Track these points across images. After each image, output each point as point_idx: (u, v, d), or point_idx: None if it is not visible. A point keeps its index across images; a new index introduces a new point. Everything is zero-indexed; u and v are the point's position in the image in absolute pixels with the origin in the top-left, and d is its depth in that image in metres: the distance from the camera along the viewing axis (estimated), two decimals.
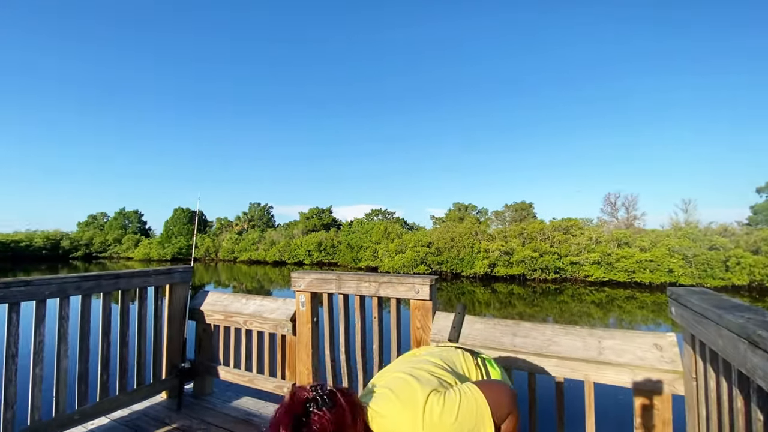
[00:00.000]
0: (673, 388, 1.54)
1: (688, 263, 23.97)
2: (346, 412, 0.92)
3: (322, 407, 0.90)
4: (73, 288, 2.29)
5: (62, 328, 2.22)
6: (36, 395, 2.10)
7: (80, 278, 2.33)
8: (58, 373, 2.19)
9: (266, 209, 66.58)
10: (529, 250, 27.92)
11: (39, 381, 2.11)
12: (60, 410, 2.20)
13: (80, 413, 2.29)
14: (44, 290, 2.15)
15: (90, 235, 64.23)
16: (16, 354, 2.02)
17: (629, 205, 39.55)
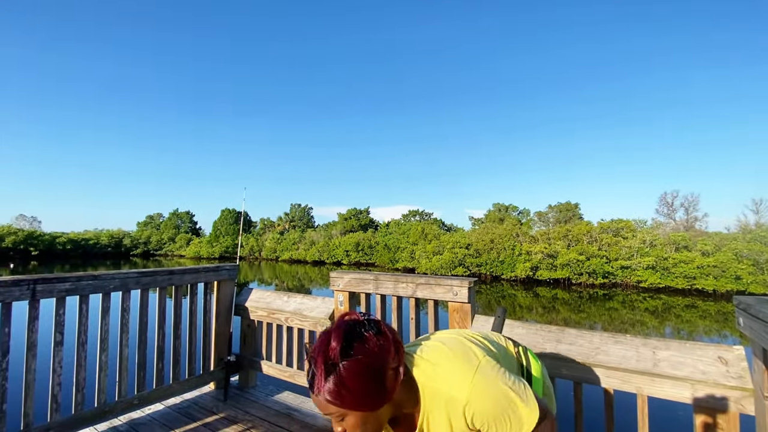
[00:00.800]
0: (741, 406, 1.40)
1: (760, 270, 21.76)
2: (390, 342, 0.92)
3: (370, 330, 0.91)
4: (134, 282, 2.47)
5: (124, 319, 2.41)
6: (102, 380, 2.29)
7: (139, 274, 2.51)
8: (120, 360, 2.38)
9: (306, 210, 68.54)
10: (575, 253, 26.61)
11: (105, 367, 2.30)
12: (122, 394, 2.39)
13: (139, 398, 2.47)
14: (109, 284, 2.34)
15: (148, 234, 69.31)
16: (85, 342, 2.22)
17: (689, 205, 36.67)
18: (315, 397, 0.89)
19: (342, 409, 0.88)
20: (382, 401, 0.90)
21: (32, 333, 2.01)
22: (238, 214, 62.26)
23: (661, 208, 38.30)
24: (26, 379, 1.97)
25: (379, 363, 0.89)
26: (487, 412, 0.92)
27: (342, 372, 0.86)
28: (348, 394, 0.86)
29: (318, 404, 0.90)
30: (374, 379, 0.88)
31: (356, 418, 0.89)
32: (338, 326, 0.91)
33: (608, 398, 1.67)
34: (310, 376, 0.90)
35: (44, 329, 2.07)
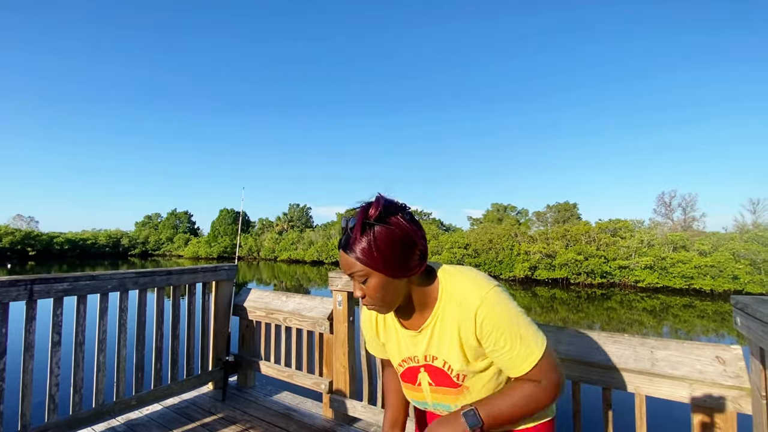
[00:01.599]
0: (739, 406, 1.40)
1: (757, 269, 21.85)
2: (420, 230, 0.97)
3: (405, 215, 0.96)
4: (132, 283, 2.47)
5: (122, 320, 2.40)
6: (100, 380, 2.29)
7: (137, 274, 2.51)
8: (118, 361, 2.37)
9: (305, 210, 68.48)
10: (573, 253, 26.66)
11: (103, 367, 2.30)
12: (120, 395, 2.38)
13: (137, 399, 2.47)
14: (107, 284, 2.33)
15: (146, 234, 69.16)
16: (83, 342, 2.21)
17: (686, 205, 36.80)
18: (345, 256, 0.94)
19: (367, 268, 0.92)
20: (404, 272, 0.94)
21: (30, 333, 2.00)
22: (236, 214, 62.18)
23: (658, 208, 38.47)
24: (23, 380, 1.96)
25: (409, 239, 0.94)
26: (497, 322, 0.93)
27: (376, 233, 0.91)
28: (377, 253, 0.90)
29: (345, 263, 0.95)
30: (402, 249, 0.93)
31: (378, 280, 0.94)
32: (378, 199, 0.95)
33: (606, 398, 1.67)
34: (344, 237, 0.95)
35: (42, 329, 2.06)
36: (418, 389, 1.07)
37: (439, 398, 1.04)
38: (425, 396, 1.06)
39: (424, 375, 1.04)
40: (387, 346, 1.13)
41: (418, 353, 1.04)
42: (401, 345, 1.08)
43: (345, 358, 2.50)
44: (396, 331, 1.09)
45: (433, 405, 1.07)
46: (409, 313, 1.06)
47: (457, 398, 1.02)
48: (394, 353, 1.10)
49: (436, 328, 1.01)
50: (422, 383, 1.05)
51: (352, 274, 0.95)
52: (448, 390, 1.02)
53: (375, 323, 1.15)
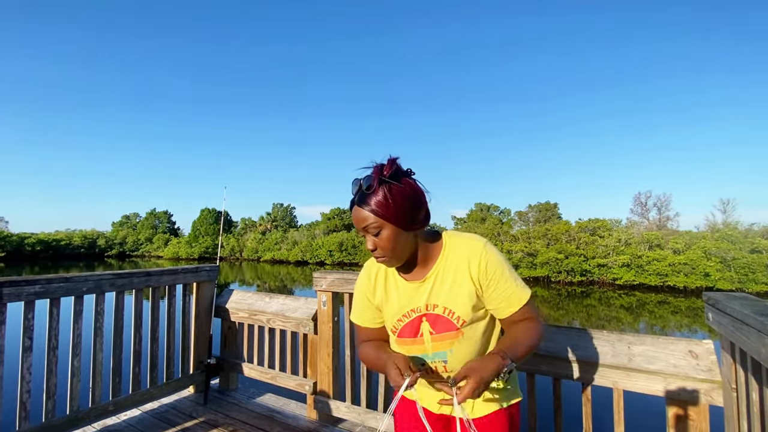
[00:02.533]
0: (711, 398, 1.46)
1: (727, 267, 22.75)
2: (425, 193, 1.09)
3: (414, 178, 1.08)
4: (108, 284, 2.39)
5: (98, 323, 2.33)
6: (75, 386, 2.21)
7: (114, 275, 2.43)
8: (94, 365, 2.30)
9: (289, 210, 67.76)
10: (554, 252, 27.22)
11: (77, 372, 2.22)
12: (96, 401, 2.31)
13: (114, 404, 2.39)
14: (82, 286, 2.26)
15: (123, 234, 67.22)
16: (56, 347, 2.13)
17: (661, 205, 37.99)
18: (359, 210, 1.03)
19: (381, 219, 1.01)
20: (413, 225, 1.05)
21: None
22: (218, 214, 61.05)
23: (635, 208, 39.57)
24: None
25: (417, 197, 1.05)
26: (498, 263, 1.08)
27: (390, 188, 1.01)
28: (392, 206, 1.00)
29: (359, 217, 1.03)
30: (412, 204, 1.03)
31: (390, 231, 1.02)
32: (391, 160, 1.04)
33: (586, 393, 1.71)
34: (359, 193, 1.04)
35: (12, 334, 1.98)
36: (419, 341, 1.12)
37: (437, 346, 1.10)
38: (425, 347, 1.11)
39: (426, 325, 1.11)
40: (385, 306, 1.17)
41: (420, 303, 1.11)
42: (402, 299, 1.14)
43: (329, 359, 2.49)
44: (397, 286, 1.16)
45: (432, 355, 1.12)
46: (412, 267, 1.14)
47: (453, 343, 1.09)
48: (394, 309, 1.15)
49: (438, 277, 1.10)
50: (424, 333, 1.11)
51: (367, 227, 1.03)
52: (447, 335, 1.09)
53: (374, 283, 1.19)
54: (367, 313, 1.22)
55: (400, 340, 1.15)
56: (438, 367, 1.12)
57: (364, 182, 1.03)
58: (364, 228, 1.04)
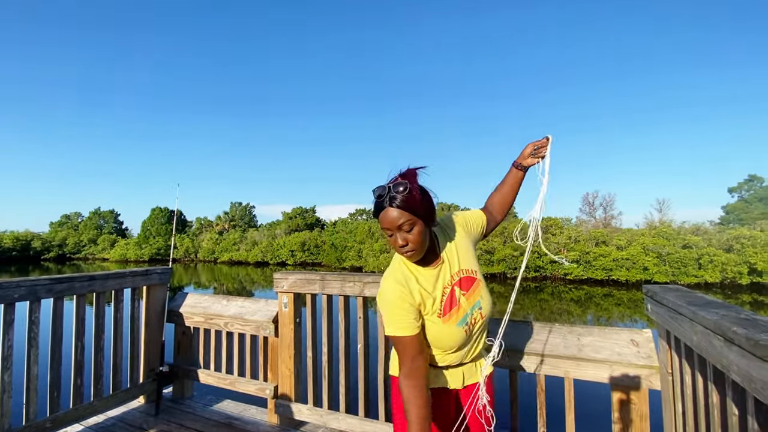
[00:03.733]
0: (650, 383, 1.58)
1: (663, 261, 24.79)
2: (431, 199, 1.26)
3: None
4: (45, 291, 2.19)
5: (32, 333, 2.13)
6: (5, 402, 2.01)
7: (52, 280, 2.24)
8: (28, 379, 2.10)
9: (248, 209, 65.57)
10: (510, 249, 28.34)
11: (8, 388, 2.02)
12: (31, 418, 2.11)
13: (52, 420, 2.20)
14: (13, 293, 2.05)
15: (63, 235, 61.97)
16: None
17: (607, 205, 40.68)
18: (392, 211, 1.16)
19: (414, 217, 1.17)
20: (433, 221, 1.26)
21: None
22: (171, 213, 57.91)
23: (583, 207, 42.11)
24: None
25: (431, 196, 1.26)
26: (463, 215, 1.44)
27: (417, 190, 1.18)
28: (424, 205, 1.19)
29: (393, 218, 1.17)
30: (432, 203, 1.24)
31: (420, 227, 1.19)
32: (411, 169, 1.22)
33: (540, 384, 1.80)
34: (388, 197, 1.17)
35: None
36: (457, 306, 1.28)
37: (472, 300, 1.31)
38: (464, 308, 1.29)
39: (457, 290, 1.30)
40: (427, 299, 1.27)
41: (447, 280, 1.30)
42: (435, 286, 1.29)
43: (291, 362, 2.44)
44: (427, 277, 1.29)
45: (470, 310, 1.30)
46: (428, 256, 1.29)
47: (479, 291, 1.33)
48: (432, 298, 1.27)
49: (446, 252, 1.33)
50: (459, 298, 1.29)
51: (401, 225, 1.17)
52: (474, 287, 1.32)
53: (407, 285, 1.27)
54: (410, 319, 1.24)
55: (445, 318, 1.27)
56: (476, 317, 1.30)
57: (394, 187, 1.17)
58: (398, 227, 1.17)
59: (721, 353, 0.93)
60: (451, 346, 1.29)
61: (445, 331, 1.27)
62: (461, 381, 1.36)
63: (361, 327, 2.24)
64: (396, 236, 1.19)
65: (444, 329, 1.27)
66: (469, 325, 1.29)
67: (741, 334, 0.83)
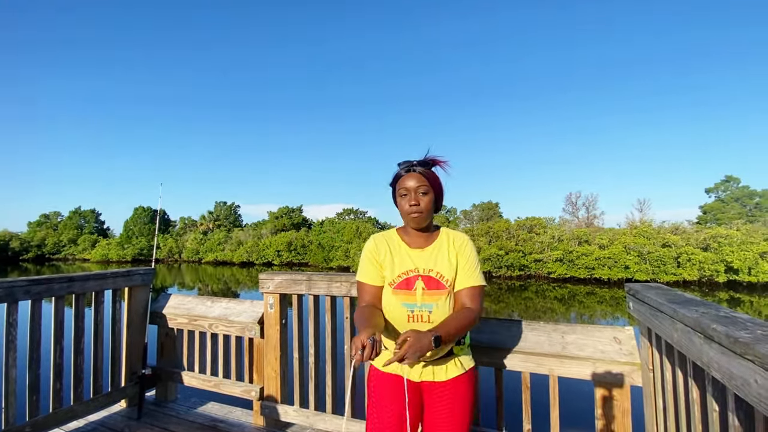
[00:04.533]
0: (632, 379, 1.62)
1: (643, 260, 25.42)
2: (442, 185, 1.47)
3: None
4: (22, 292, 2.12)
5: (10, 336, 2.06)
6: None
7: (30, 282, 2.17)
8: (6, 383, 2.03)
9: (233, 208, 64.62)
10: (495, 248, 28.68)
11: None
12: (10, 422, 2.04)
13: (32, 425, 2.13)
14: None
15: (42, 235, 60.05)
16: None
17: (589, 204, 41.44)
18: (417, 175, 1.39)
19: (430, 186, 1.40)
20: (440, 201, 1.47)
21: None
22: (153, 213, 56.69)
23: (566, 207, 42.80)
24: None
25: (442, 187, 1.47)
26: (472, 251, 1.47)
27: (436, 170, 1.44)
28: (438, 183, 1.44)
29: (416, 179, 1.39)
30: (442, 190, 1.46)
31: (431, 197, 1.41)
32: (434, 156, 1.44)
33: (525, 381, 1.82)
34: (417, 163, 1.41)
35: None
36: (412, 293, 1.41)
37: (427, 299, 1.41)
38: (416, 298, 1.41)
39: (420, 282, 1.42)
40: (389, 264, 1.45)
41: (419, 266, 1.44)
42: (404, 260, 1.45)
43: (277, 363, 2.42)
44: (401, 251, 1.48)
45: (421, 305, 1.41)
46: (418, 239, 1.48)
47: (439, 300, 1.40)
48: (397, 267, 1.45)
49: (436, 250, 1.46)
50: (417, 288, 1.41)
51: (418, 187, 1.39)
52: (437, 292, 1.41)
53: (379, 247, 1.49)
54: (371, 270, 1.46)
55: (396, 290, 1.42)
56: (423, 315, 1.40)
57: (421, 161, 1.40)
58: (415, 188, 1.39)
59: (701, 350, 0.95)
60: (393, 319, 1.42)
61: (391, 302, 1.42)
62: (418, 374, 1.43)
63: (348, 327, 2.24)
64: (411, 195, 1.40)
65: (390, 299, 1.43)
66: (413, 315, 1.40)
67: (721, 331, 0.85)
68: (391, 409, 1.37)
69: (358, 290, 1.49)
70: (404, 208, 1.41)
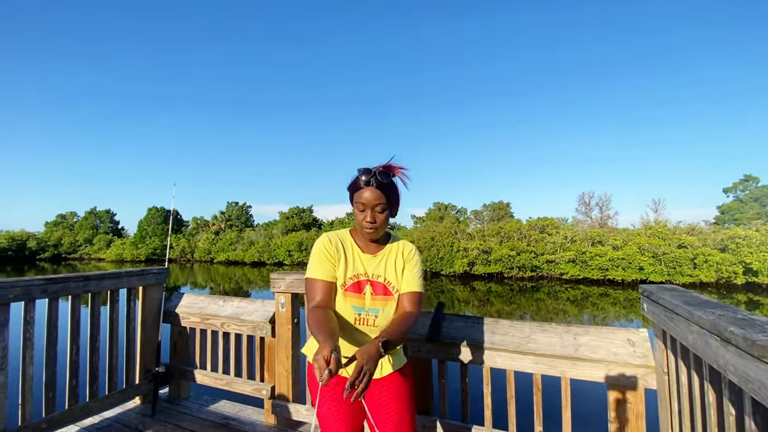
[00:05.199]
0: (646, 382, 1.59)
1: (658, 261, 24.93)
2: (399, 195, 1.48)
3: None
4: (39, 291, 2.18)
5: (28, 333, 2.11)
6: (1, 403, 1.98)
7: (47, 280, 2.22)
8: (23, 380, 2.08)
9: (244, 208, 65.32)
10: (507, 249, 28.43)
11: (3, 389, 2.00)
12: (26, 419, 2.09)
13: (48, 421, 2.19)
14: (8, 293, 2.03)
15: (58, 235, 61.53)
16: None
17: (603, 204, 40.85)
18: (374, 190, 1.37)
19: (387, 204, 1.40)
20: (396, 213, 1.49)
21: None
22: (167, 213, 57.65)
23: (579, 207, 42.28)
24: None
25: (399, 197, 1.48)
26: (416, 261, 1.53)
27: (395, 183, 1.43)
28: (394, 197, 1.44)
29: (373, 195, 1.37)
30: (398, 201, 1.48)
31: (387, 213, 1.42)
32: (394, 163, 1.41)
33: (536, 383, 1.80)
34: (373, 179, 1.36)
35: None
36: (361, 297, 1.45)
37: (374, 304, 1.45)
38: (365, 302, 1.45)
39: (369, 287, 1.46)
40: (341, 265, 1.46)
41: (368, 271, 1.48)
42: (356, 264, 1.48)
43: (288, 362, 2.44)
44: (354, 254, 1.50)
45: (368, 309, 1.45)
46: (370, 244, 1.52)
47: (385, 305, 1.46)
48: (349, 269, 1.47)
49: (385, 257, 1.50)
50: (366, 293, 1.46)
51: (375, 205, 1.38)
52: (384, 298, 1.46)
53: (334, 246, 1.48)
54: (325, 267, 1.44)
55: (347, 292, 1.44)
56: (369, 319, 1.44)
57: (381, 175, 1.37)
58: (373, 206, 1.38)
59: (718, 353, 0.93)
60: (345, 319, 1.44)
61: (342, 304, 1.45)
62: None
63: None
64: (367, 213, 1.39)
65: (341, 300, 1.45)
66: (360, 318, 1.44)
67: (738, 334, 0.83)
68: (338, 410, 1.41)
69: (308, 288, 1.45)
70: (360, 222, 1.42)
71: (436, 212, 49.96)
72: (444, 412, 2.01)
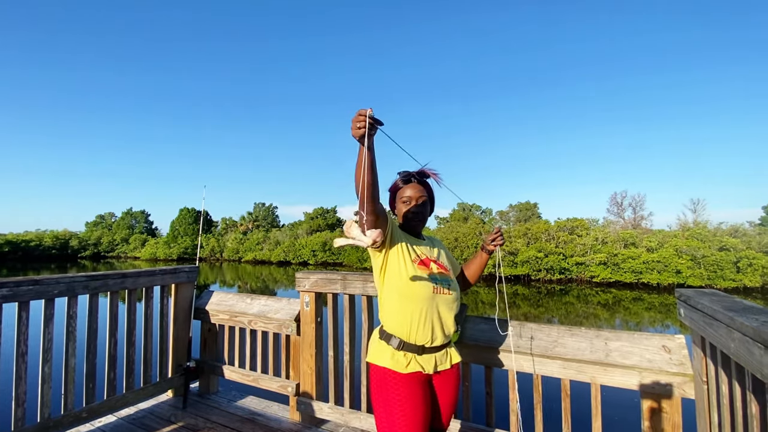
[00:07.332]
0: (683, 391, 1.51)
1: (697, 264, 23.65)
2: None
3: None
4: (81, 287, 2.31)
5: (70, 327, 2.24)
6: (45, 393, 2.12)
7: (88, 277, 2.35)
8: (66, 371, 2.21)
9: (271, 209, 66.82)
10: (534, 251, 27.73)
11: (48, 379, 2.13)
12: (68, 408, 2.22)
13: (88, 411, 2.31)
14: (53, 289, 2.17)
15: (98, 234, 64.96)
16: (26, 352, 2.04)
17: (636, 205, 39.20)
18: (418, 186, 1.63)
19: (427, 198, 1.65)
20: (433, 210, 1.72)
21: None
22: (197, 214, 59.73)
23: (611, 208, 40.71)
24: None
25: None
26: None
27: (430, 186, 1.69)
28: (432, 194, 1.70)
29: (416, 188, 1.62)
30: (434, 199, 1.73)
31: (428, 207, 1.67)
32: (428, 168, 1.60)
33: (564, 388, 1.75)
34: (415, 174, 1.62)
35: None
36: (429, 269, 1.55)
37: (444, 275, 1.58)
38: (435, 273, 1.55)
39: (433, 264, 1.58)
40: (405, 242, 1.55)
41: (430, 254, 1.62)
42: (420, 248, 1.60)
43: (312, 360, 2.47)
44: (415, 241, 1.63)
45: (440, 278, 1.55)
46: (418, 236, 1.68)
47: (452, 277, 1.61)
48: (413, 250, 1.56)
49: (429, 246, 1.65)
50: (433, 267, 1.57)
51: (419, 197, 1.61)
52: (446, 271, 1.60)
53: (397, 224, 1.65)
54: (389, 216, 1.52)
55: (419, 265, 1.53)
56: (444, 289, 1.54)
57: (421, 173, 1.61)
58: (417, 197, 1.60)
59: (762, 362, 0.88)
60: (418, 290, 1.48)
61: (419, 274, 1.51)
62: (433, 366, 1.51)
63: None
64: (412, 204, 1.59)
65: (417, 271, 1.51)
66: (436, 288, 1.52)
67: None
68: (416, 404, 1.42)
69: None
70: (407, 215, 1.59)
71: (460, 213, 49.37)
72: (468, 416, 1.99)
